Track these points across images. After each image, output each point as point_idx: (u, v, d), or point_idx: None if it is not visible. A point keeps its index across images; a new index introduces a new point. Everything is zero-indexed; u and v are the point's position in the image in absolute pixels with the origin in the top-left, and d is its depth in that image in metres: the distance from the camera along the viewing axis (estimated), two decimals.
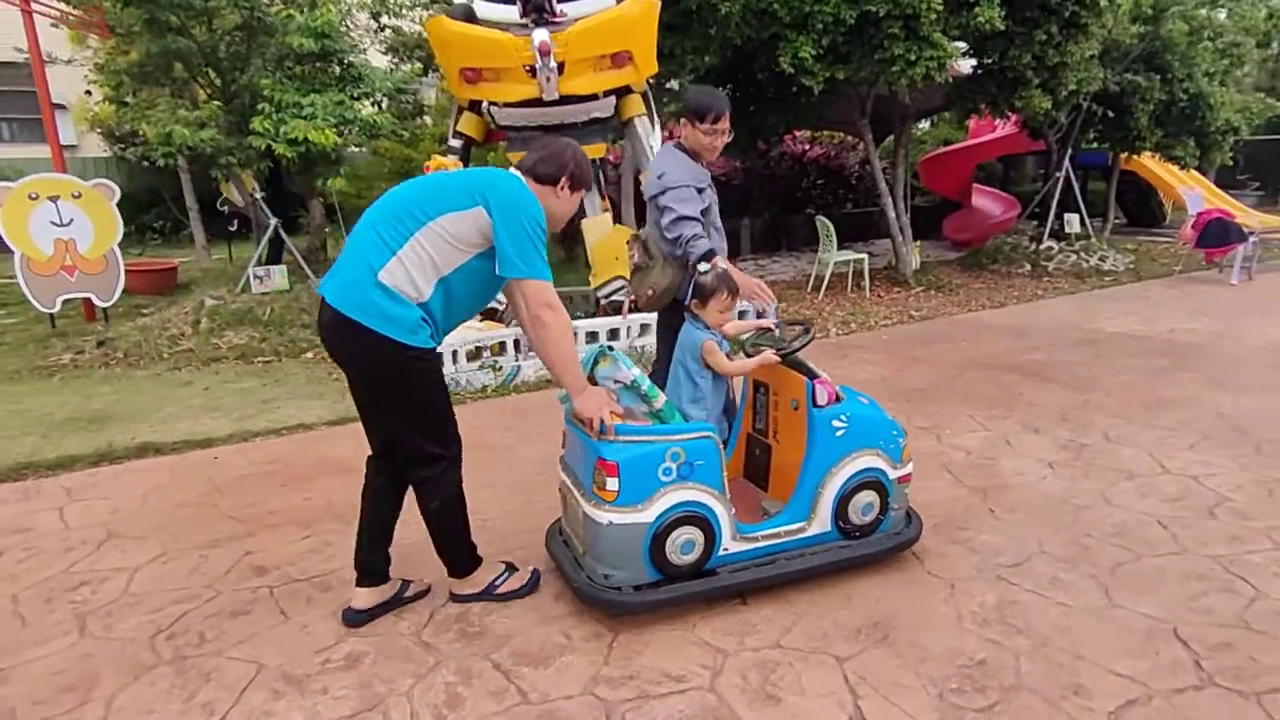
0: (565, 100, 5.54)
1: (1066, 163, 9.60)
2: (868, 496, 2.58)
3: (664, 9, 6.73)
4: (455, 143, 6.00)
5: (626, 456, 2.24)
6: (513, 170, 2.37)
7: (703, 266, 2.71)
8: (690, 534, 2.34)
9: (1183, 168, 9.85)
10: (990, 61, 7.92)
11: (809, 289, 8.30)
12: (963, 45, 7.41)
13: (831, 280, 8.48)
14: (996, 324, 6.62)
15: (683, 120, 3.04)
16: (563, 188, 2.35)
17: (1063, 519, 3.01)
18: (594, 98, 5.66)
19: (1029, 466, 3.52)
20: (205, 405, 4.74)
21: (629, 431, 2.28)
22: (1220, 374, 4.91)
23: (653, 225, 3.05)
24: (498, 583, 2.53)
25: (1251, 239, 8.18)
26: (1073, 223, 9.58)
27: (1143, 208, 14.38)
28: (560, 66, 5.39)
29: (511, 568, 2.60)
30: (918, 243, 9.63)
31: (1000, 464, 3.56)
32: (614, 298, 6.08)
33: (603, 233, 6.10)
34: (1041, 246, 9.38)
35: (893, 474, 2.62)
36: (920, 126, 15.45)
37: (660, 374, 2.92)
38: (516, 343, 5.16)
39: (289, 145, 5.68)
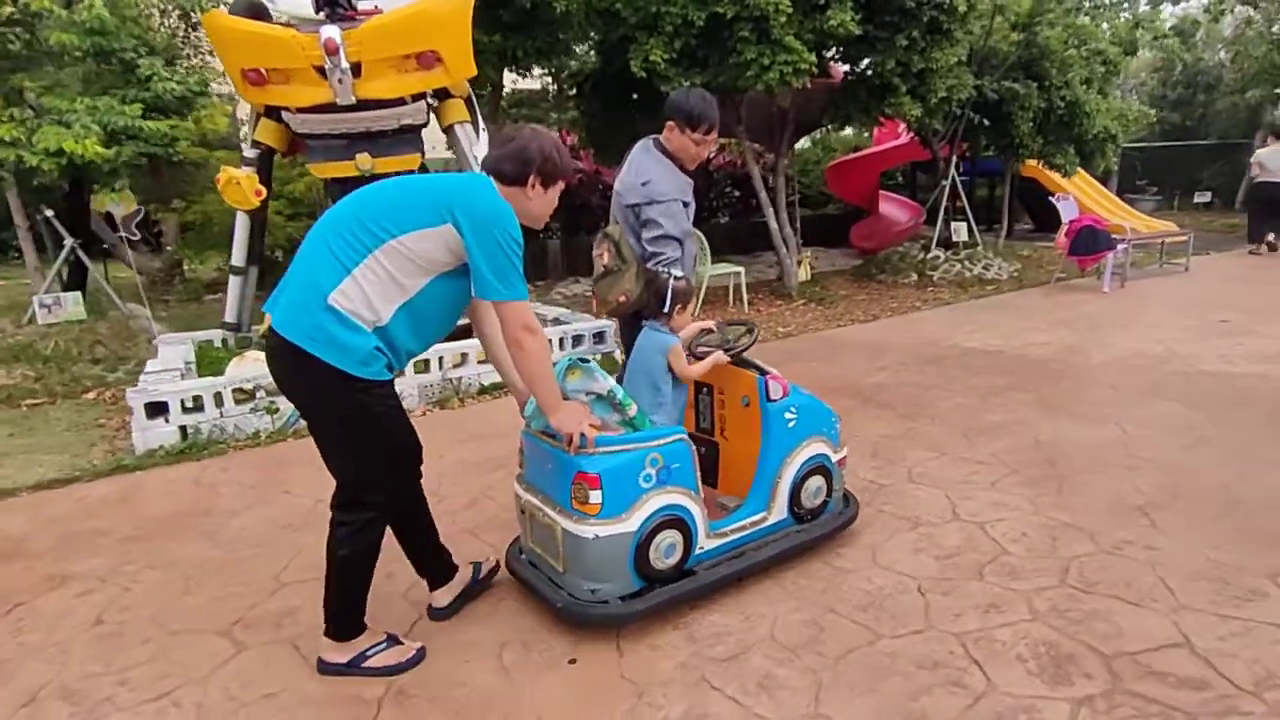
0: (367, 105, 5.03)
1: (953, 170, 9.44)
2: (817, 481, 2.76)
3: (500, 7, 6.30)
4: (251, 153, 5.43)
5: (607, 467, 2.23)
6: (479, 171, 2.16)
7: (676, 272, 2.68)
8: (672, 537, 2.37)
9: (1064, 175, 9.80)
10: (860, 68, 7.70)
11: None
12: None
13: (712, 295, 8.13)
14: (857, 341, 6.32)
15: (670, 124, 2.89)
16: (533, 186, 2.12)
17: (814, 589, 2.63)
18: (401, 102, 5.15)
19: None
20: None
21: (606, 442, 2.25)
22: (1055, 394, 4.65)
23: (628, 229, 2.92)
24: (370, 653, 2.23)
25: (1121, 246, 8.10)
26: (960, 231, 9.43)
27: (1049, 212, 14.49)
28: (356, 68, 4.88)
29: (394, 640, 2.29)
30: (808, 253, 9.37)
31: None
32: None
33: None
34: (928, 256, 9.19)
35: (834, 458, 2.82)
36: (819, 135, 15.35)
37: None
38: None
39: (47, 157, 5.01)
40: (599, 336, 5.69)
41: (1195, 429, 4.00)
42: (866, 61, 7.39)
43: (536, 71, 8.46)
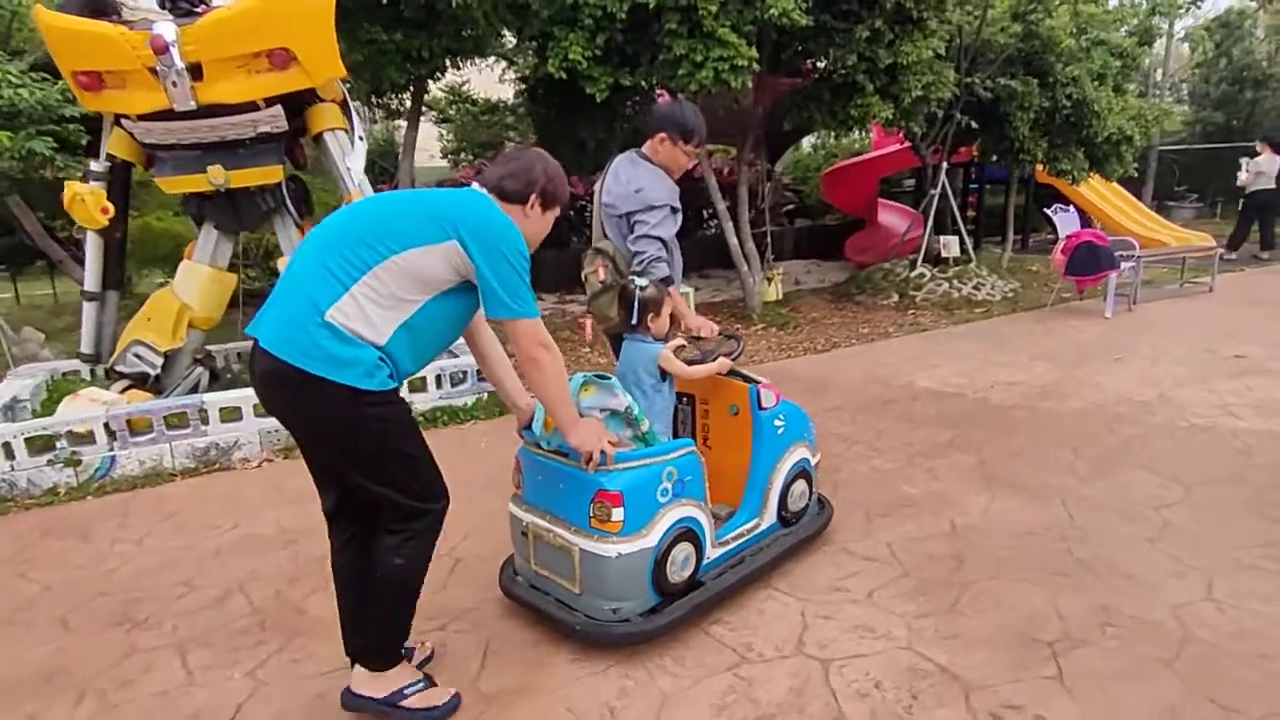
0: (215, 111, 4.44)
1: (943, 179, 8.53)
2: (801, 485, 2.85)
3: (398, 3, 5.68)
4: (99, 166, 4.85)
5: (629, 484, 2.23)
6: (475, 187, 2.08)
7: (640, 282, 2.62)
8: (686, 550, 2.39)
9: (1073, 182, 8.79)
10: (823, 65, 6.89)
11: None
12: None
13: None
14: (800, 375, 5.51)
15: (661, 136, 2.90)
16: (533, 206, 2.09)
17: None
18: (254, 107, 4.55)
19: None
20: None
21: (624, 458, 2.24)
22: (1001, 456, 3.81)
23: (620, 241, 2.92)
24: (408, 692, 2.07)
25: (1126, 266, 7.12)
26: (950, 246, 8.50)
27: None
28: (197, 69, 4.30)
29: (430, 681, 2.15)
30: (779, 269, 8.56)
31: None
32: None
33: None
34: (913, 274, 8.29)
35: (813, 460, 2.92)
36: (819, 141, 14.51)
37: None
38: (109, 428, 3.99)
39: None
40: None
41: (1162, 512, 3.15)
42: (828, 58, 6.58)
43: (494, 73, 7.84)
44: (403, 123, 13.48)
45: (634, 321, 2.57)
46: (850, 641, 2.35)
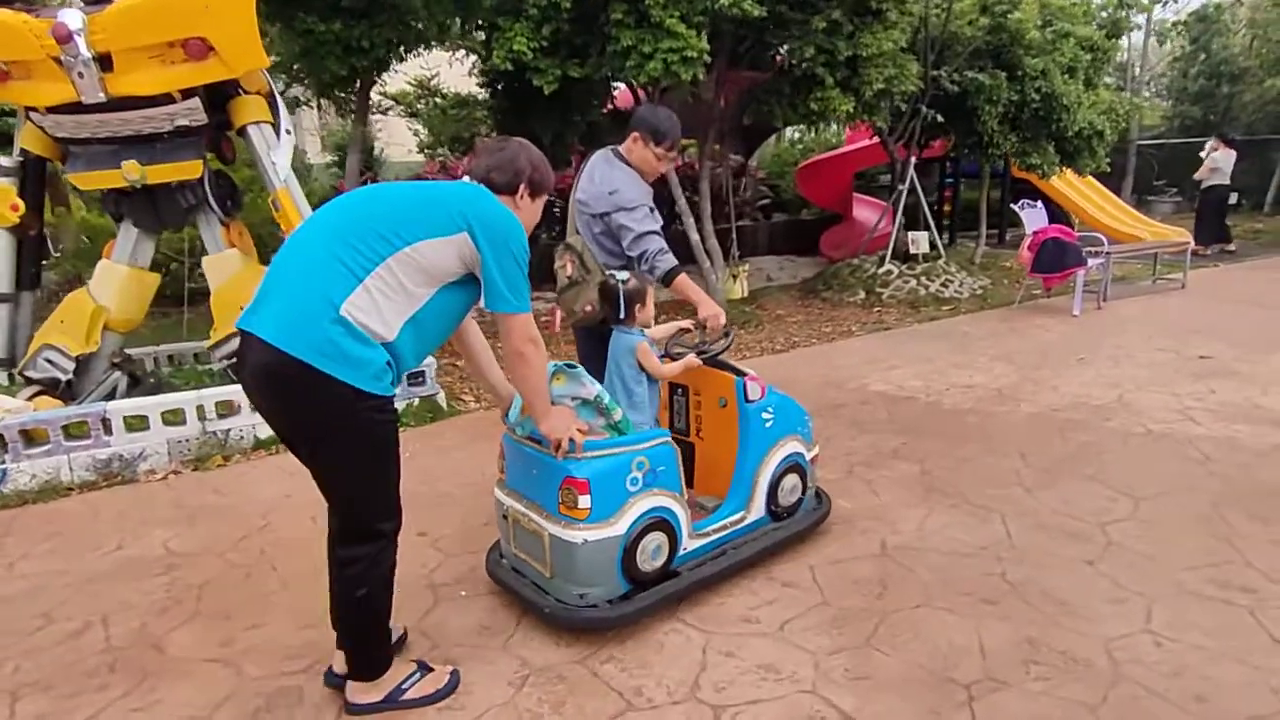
0: (128, 104, 4.20)
1: (912, 174, 8.34)
2: (792, 479, 2.80)
3: None
4: (9, 161, 4.60)
5: (595, 472, 2.24)
6: (467, 180, 2.12)
7: (621, 276, 2.61)
8: (658, 539, 2.40)
9: (1043, 176, 8.61)
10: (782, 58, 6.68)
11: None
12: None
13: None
14: None
15: (634, 135, 2.93)
16: (522, 196, 2.14)
17: None
18: (169, 99, 4.31)
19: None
20: None
21: (593, 446, 2.26)
22: (946, 466, 3.62)
23: (590, 238, 2.94)
24: (405, 686, 2.11)
25: (1095, 262, 6.95)
26: (919, 242, 8.31)
27: (1053, 217, 13.21)
28: (106, 59, 4.05)
29: (425, 667, 2.18)
30: (744, 266, 8.36)
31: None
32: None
33: (228, 273, 4.75)
34: (880, 270, 8.10)
35: (808, 455, 2.87)
36: (798, 135, 14.33)
37: None
38: (2, 439, 3.74)
39: None
40: None
41: (1107, 529, 2.96)
42: (786, 49, 6.36)
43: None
44: (380, 117, 13.21)
45: (621, 316, 2.59)
46: (750, 684, 2.14)
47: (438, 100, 11.84)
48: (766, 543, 2.71)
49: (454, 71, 10.60)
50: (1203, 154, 11.00)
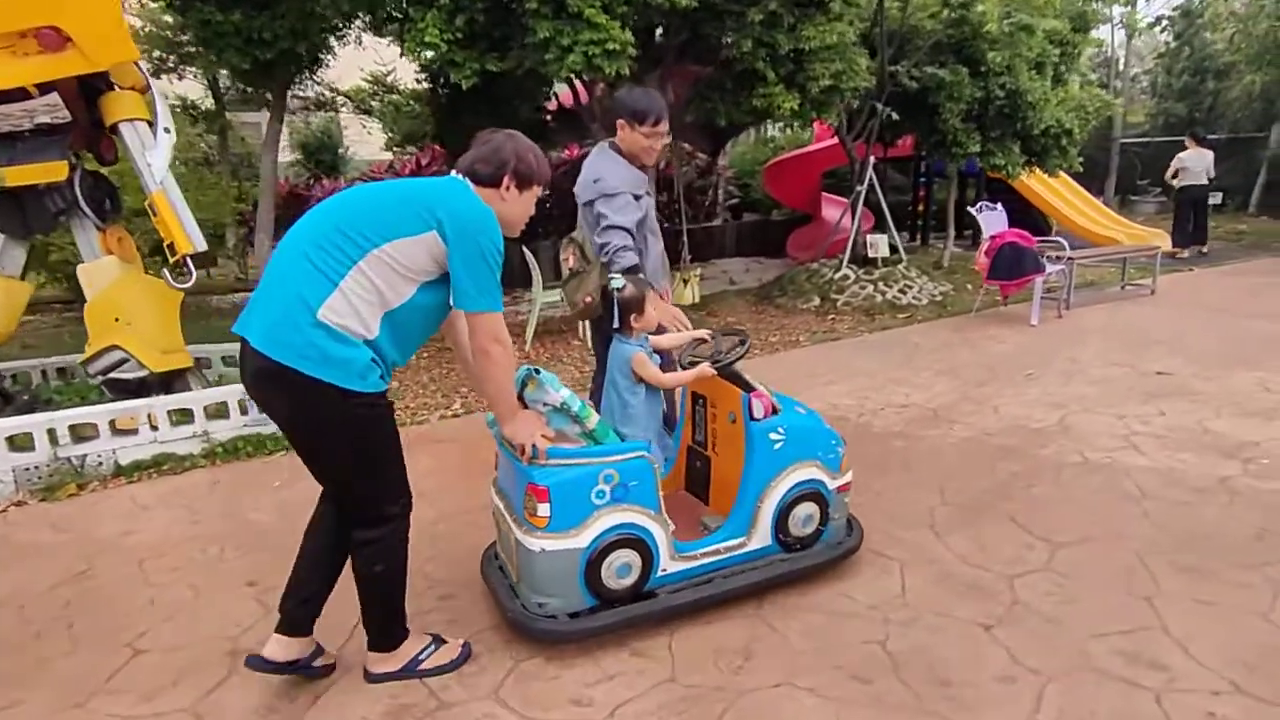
0: None
1: (870, 173, 8.00)
2: (808, 508, 2.59)
3: None
4: None
5: (557, 480, 2.19)
6: (454, 174, 2.08)
7: (616, 282, 2.53)
8: (627, 557, 2.31)
9: (1008, 176, 8.27)
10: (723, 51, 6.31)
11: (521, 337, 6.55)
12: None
13: (556, 325, 6.86)
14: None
15: (620, 122, 2.95)
16: (507, 188, 2.09)
17: None
18: (24, 94, 3.95)
19: None
20: None
21: (560, 454, 2.21)
22: (861, 501, 3.18)
23: (589, 229, 2.97)
24: (422, 657, 2.22)
25: (1054, 269, 6.61)
26: (878, 245, 7.96)
27: (1024, 218, 12.87)
28: None
29: (439, 640, 2.29)
30: (696, 271, 8.00)
31: None
32: (117, 374, 4.36)
33: (103, 283, 4.39)
34: (837, 276, 7.76)
35: (832, 484, 2.64)
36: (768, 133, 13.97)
37: (600, 386, 2.87)
38: None
39: None
40: None
41: (1015, 584, 2.61)
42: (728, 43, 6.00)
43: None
44: (351, 115, 12.81)
45: (615, 325, 2.51)
46: None
47: (393, 97, 11.49)
48: (769, 574, 2.52)
49: (413, 67, 10.20)
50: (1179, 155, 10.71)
